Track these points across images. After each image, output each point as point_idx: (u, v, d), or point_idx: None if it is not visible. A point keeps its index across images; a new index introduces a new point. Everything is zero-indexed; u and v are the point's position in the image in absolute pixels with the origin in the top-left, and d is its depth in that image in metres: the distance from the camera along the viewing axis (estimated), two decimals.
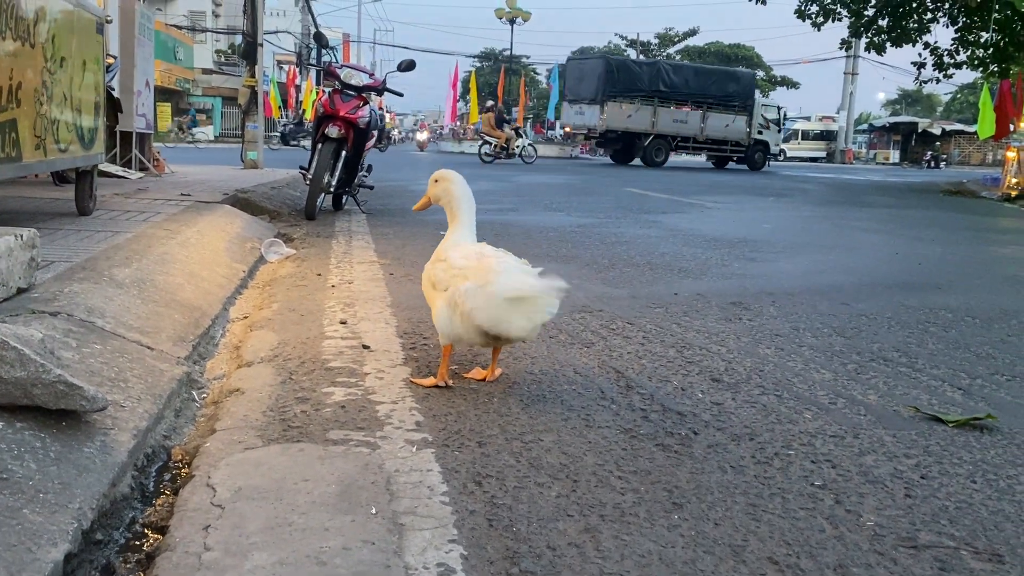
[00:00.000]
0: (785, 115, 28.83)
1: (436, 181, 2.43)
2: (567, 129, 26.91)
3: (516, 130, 21.13)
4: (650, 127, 23.00)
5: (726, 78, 24.56)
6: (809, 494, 1.62)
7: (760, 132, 24.73)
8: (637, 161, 23.63)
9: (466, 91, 37.82)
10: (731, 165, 25.15)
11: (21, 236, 2.35)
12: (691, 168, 24.04)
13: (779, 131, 26.71)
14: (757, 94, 25.93)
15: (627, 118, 22.84)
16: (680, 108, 23.46)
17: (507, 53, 43.71)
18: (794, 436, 1.95)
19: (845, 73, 43.52)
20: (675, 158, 27.13)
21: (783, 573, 1.32)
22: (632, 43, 53.85)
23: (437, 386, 2.19)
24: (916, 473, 1.75)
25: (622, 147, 23.60)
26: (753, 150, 24.68)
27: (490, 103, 23.07)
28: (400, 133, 49.85)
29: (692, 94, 23.66)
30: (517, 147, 20.42)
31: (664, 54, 55.43)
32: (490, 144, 20.26)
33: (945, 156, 41.99)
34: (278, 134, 28.92)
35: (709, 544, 1.40)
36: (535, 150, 21.85)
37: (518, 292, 2.07)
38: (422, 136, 36.35)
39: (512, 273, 2.11)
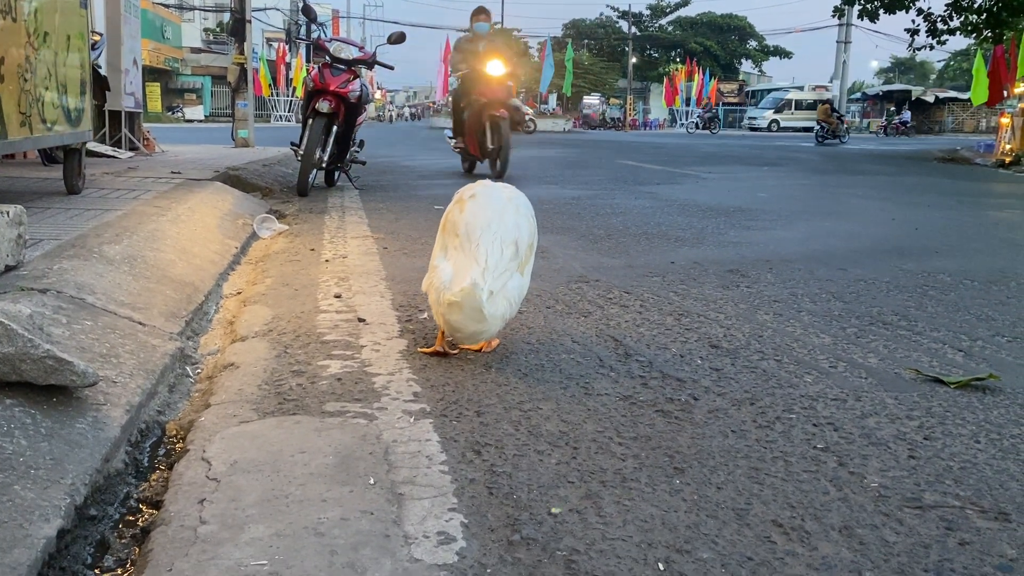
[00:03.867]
0: None
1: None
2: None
3: (839, 118, 26.58)
4: None
5: None
6: (812, 457, 1.61)
7: None
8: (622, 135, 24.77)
9: None
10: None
11: (7, 212, 2.31)
12: (683, 138, 24.14)
13: None
14: None
15: None
16: None
17: (498, 26, 43.37)
18: (795, 400, 1.93)
19: (838, 42, 43.16)
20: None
21: (788, 535, 1.30)
22: (624, 15, 53.41)
23: (437, 352, 2.18)
24: (919, 434, 1.74)
25: None
26: None
27: (827, 96, 31.38)
28: (392, 110, 48.08)
29: None
30: (840, 132, 25.93)
31: (656, 25, 55.07)
32: (824, 128, 25.55)
33: (913, 124, 40.47)
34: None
35: (712, 508, 1.39)
36: (848, 132, 27.61)
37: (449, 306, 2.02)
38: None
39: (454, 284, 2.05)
